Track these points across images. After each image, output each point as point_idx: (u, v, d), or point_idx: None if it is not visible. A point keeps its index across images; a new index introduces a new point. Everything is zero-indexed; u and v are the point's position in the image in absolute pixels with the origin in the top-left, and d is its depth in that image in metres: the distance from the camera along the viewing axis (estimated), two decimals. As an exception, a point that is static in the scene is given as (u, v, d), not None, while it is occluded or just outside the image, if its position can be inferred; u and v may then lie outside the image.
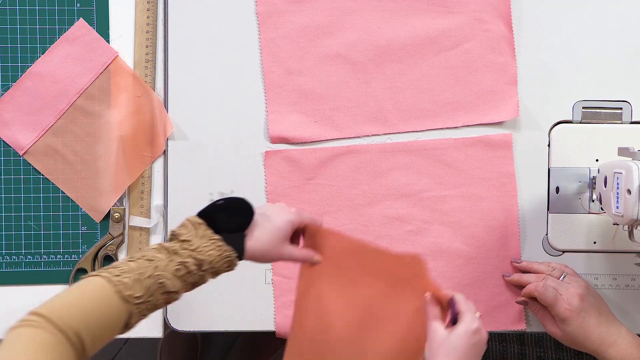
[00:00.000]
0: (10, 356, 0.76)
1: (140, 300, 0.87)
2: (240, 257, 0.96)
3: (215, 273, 0.95)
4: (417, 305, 1.02)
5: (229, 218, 0.95)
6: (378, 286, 1.04)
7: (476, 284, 1.22)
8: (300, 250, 1.03)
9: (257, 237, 0.97)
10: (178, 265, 0.91)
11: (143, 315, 0.89)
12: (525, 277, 1.18)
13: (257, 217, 0.98)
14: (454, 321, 0.99)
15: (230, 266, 0.95)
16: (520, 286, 1.19)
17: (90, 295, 0.85)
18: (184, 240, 0.93)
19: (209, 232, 0.94)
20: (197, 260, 0.92)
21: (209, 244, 0.93)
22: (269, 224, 0.98)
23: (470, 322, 0.98)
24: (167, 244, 0.93)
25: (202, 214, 0.96)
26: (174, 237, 0.94)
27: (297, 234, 1.04)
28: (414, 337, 1.01)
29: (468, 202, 1.22)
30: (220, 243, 0.93)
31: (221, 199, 0.99)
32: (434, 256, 1.21)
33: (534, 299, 1.17)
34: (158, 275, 0.89)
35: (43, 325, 0.80)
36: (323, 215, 1.21)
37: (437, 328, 0.98)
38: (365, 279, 1.05)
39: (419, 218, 1.21)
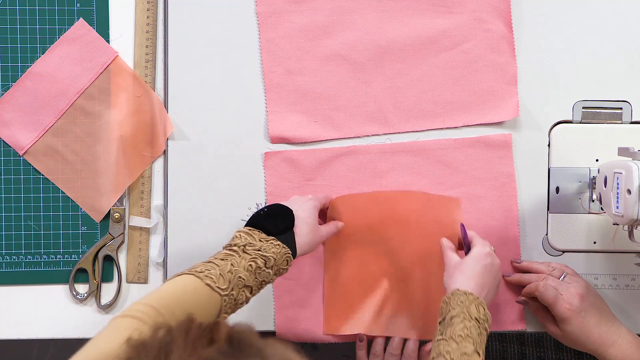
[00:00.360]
0: (103, 344, 0.80)
1: (226, 293, 0.96)
2: (294, 253, 1.07)
3: (277, 272, 1.04)
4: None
5: (275, 222, 1.07)
6: (406, 230, 1.19)
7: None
8: (327, 226, 1.16)
9: (299, 232, 1.08)
10: (250, 261, 1.00)
11: (226, 312, 0.97)
12: (525, 277, 1.18)
13: None
14: (467, 251, 1.13)
15: (288, 264, 1.05)
16: (520, 286, 1.19)
17: (185, 289, 0.93)
18: (245, 245, 1.02)
19: (264, 236, 1.04)
20: (263, 257, 1.02)
21: (268, 245, 1.03)
22: (302, 217, 1.10)
23: (482, 246, 1.11)
24: (234, 247, 1.02)
25: (250, 224, 1.06)
26: (232, 247, 1.03)
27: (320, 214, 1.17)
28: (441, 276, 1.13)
29: (468, 202, 1.21)
30: (277, 242, 1.04)
31: (262, 208, 1.09)
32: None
33: (534, 298, 1.17)
34: (236, 270, 0.98)
35: (144, 317, 0.84)
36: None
37: (452, 256, 1.12)
38: (391, 227, 1.19)
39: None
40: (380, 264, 1.20)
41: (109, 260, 1.21)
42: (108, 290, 1.22)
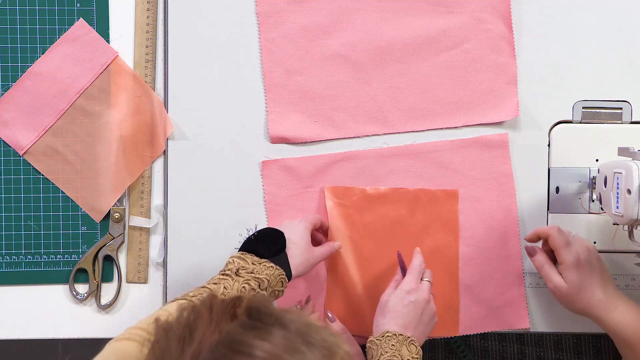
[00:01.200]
0: None
1: None
2: (289, 274, 1.07)
3: (272, 294, 1.05)
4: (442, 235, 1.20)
5: (267, 246, 1.07)
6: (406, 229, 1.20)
7: (478, 284, 1.22)
8: (323, 247, 1.16)
9: (292, 254, 1.09)
10: (243, 284, 1.01)
11: None
12: (540, 229, 1.15)
13: None
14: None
15: (283, 285, 1.05)
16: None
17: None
18: (238, 269, 1.02)
19: (257, 259, 1.05)
20: (257, 279, 1.02)
21: (261, 267, 1.03)
22: (294, 240, 1.10)
23: (406, 284, 1.11)
24: (227, 272, 1.02)
25: (243, 249, 1.07)
26: (225, 272, 1.03)
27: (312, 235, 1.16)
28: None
29: (467, 203, 1.21)
30: (270, 264, 1.04)
31: (254, 233, 1.10)
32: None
33: (542, 251, 1.15)
34: (229, 292, 0.99)
35: (142, 340, 0.84)
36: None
37: (383, 295, 1.12)
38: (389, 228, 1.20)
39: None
40: (380, 263, 1.20)
41: (109, 260, 1.21)
42: (108, 290, 1.22)
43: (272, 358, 0.66)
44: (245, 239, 1.09)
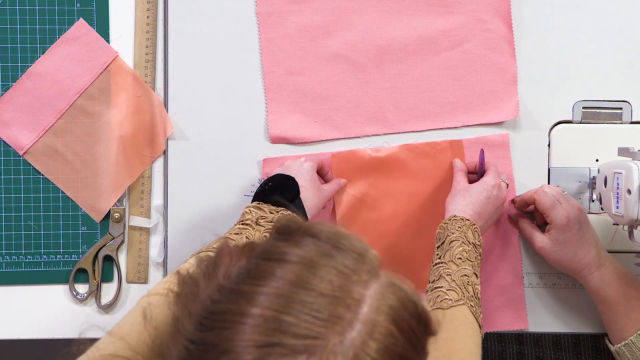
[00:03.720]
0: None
1: None
2: (305, 219, 1.06)
3: None
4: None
5: (283, 194, 1.07)
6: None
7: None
8: (330, 184, 1.17)
9: (305, 197, 1.10)
10: (265, 232, 1.01)
11: None
12: (526, 193, 1.17)
13: None
14: (479, 179, 1.15)
15: None
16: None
17: None
18: (257, 218, 1.02)
19: (274, 207, 1.05)
20: None
21: (280, 216, 1.04)
22: (303, 184, 1.10)
23: (492, 178, 1.13)
24: (247, 222, 1.02)
25: (258, 198, 1.06)
26: (244, 222, 1.03)
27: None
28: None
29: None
30: (287, 212, 1.04)
31: (267, 182, 1.09)
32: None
33: (525, 215, 1.18)
34: (252, 242, 0.96)
35: (166, 293, 0.84)
36: (322, 219, 1.21)
37: (460, 180, 1.15)
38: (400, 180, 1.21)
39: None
40: (396, 221, 1.21)
41: (109, 260, 1.21)
42: (108, 290, 1.22)
43: (305, 262, 0.67)
44: (258, 188, 1.09)
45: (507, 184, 1.17)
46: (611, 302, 1.11)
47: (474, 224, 1.08)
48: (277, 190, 1.07)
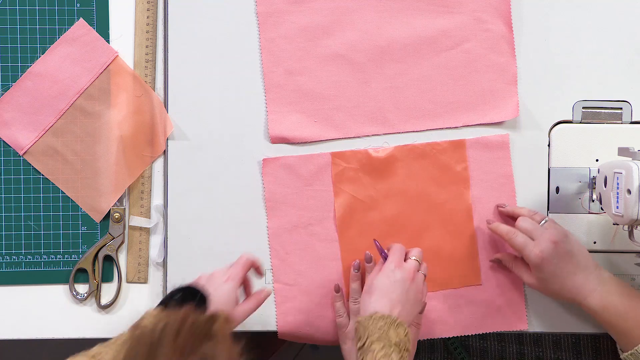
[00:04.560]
0: None
1: None
2: None
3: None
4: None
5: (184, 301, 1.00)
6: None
7: (477, 285, 1.22)
8: (248, 302, 1.11)
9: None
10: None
11: None
12: (500, 227, 1.16)
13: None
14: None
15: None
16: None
17: None
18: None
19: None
20: None
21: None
22: (215, 301, 1.03)
23: (390, 262, 1.11)
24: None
25: (163, 304, 1.01)
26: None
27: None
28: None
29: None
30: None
31: (178, 289, 1.04)
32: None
33: (510, 255, 1.18)
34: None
35: None
36: (322, 220, 1.21)
37: (368, 276, 1.13)
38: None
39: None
40: (391, 223, 1.21)
41: (109, 260, 1.21)
42: (108, 291, 1.22)
43: None
44: (168, 293, 1.05)
45: (419, 260, 1.13)
46: (614, 324, 1.10)
47: (396, 319, 1.04)
48: (186, 300, 1.01)
